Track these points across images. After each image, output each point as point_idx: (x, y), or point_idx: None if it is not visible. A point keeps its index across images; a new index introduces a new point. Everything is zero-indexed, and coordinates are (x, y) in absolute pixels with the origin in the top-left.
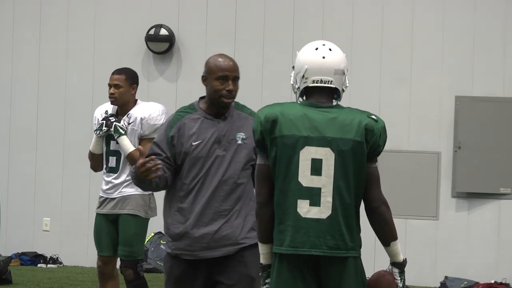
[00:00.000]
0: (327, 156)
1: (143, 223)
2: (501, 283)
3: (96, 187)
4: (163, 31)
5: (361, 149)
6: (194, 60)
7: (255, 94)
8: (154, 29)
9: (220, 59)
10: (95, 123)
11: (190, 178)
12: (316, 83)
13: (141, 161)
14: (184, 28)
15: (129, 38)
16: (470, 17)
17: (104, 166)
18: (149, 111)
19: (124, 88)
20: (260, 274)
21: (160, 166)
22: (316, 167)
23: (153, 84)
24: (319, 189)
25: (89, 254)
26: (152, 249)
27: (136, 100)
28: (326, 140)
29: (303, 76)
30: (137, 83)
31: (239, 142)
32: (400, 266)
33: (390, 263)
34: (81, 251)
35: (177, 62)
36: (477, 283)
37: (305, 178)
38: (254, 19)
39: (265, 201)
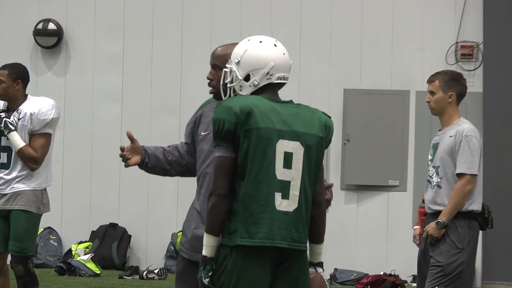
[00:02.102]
0: (297, 150)
1: (34, 219)
2: (390, 275)
3: None
4: (51, 26)
5: (322, 144)
6: (83, 55)
7: (144, 88)
8: (42, 23)
9: None
10: None
11: (197, 171)
12: (280, 79)
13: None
14: (72, 23)
15: (17, 32)
16: (358, 10)
17: None
18: (39, 106)
19: (6, 83)
20: (202, 267)
21: (128, 156)
22: (287, 161)
23: (42, 79)
24: (289, 182)
25: None
26: (42, 244)
27: (27, 95)
28: (296, 134)
29: (267, 73)
30: (22, 79)
31: None
32: (322, 265)
33: (315, 264)
34: None
35: (65, 56)
36: (366, 274)
37: (279, 171)
38: (142, 13)
39: (226, 193)
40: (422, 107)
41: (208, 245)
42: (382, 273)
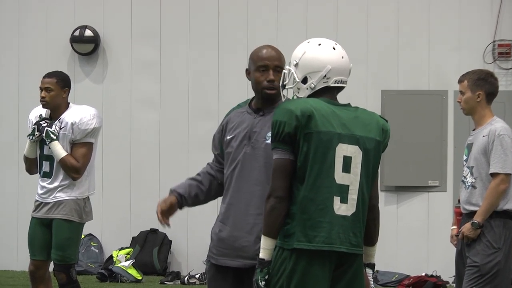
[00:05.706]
0: (355, 154)
1: (76, 228)
2: (432, 276)
3: (24, 190)
4: (88, 32)
5: (380, 148)
6: (120, 61)
7: (181, 94)
8: (78, 30)
9: (261, 49)
10: (29, 126)
11: (225, 175)
12: (337, 83)
13: (160, 213)
14: (109, 29)
15: (54, 39)
16: (394, 11)
17: (39, 170)
18: (80, 116)
19: (55, 91)
20: (259, 270)
21: (168, 224)
22: (346, 165)
23: (79, 86)
24: (347, 186)
25: (19, 258)
26: (83, 251)
27: (69, 103)
28: (355, 138)
29: (324, 76)
30: (68, 87)
31: (268, 141)
32: (373, 267)
33: (365, 264)
34: (11, 255)
35: (102, 63)
36: (408, 276)
37: (338, 175)
38: (178, 18)
39: (285, 195)
40: None
41: (266, 248)
42: (423, 274)
